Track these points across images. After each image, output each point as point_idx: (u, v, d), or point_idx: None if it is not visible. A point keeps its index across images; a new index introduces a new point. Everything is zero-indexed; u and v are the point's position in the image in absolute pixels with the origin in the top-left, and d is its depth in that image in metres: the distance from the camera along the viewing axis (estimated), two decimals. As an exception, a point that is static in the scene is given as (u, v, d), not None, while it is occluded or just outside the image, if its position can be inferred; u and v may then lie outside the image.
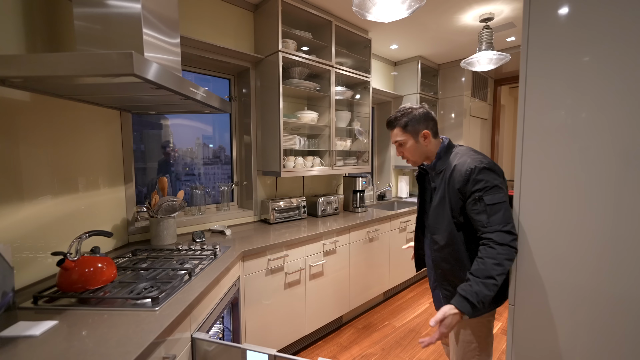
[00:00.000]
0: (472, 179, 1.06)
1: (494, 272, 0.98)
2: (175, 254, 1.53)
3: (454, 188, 1.10)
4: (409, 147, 1.20)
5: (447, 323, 0.99)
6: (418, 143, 1.18)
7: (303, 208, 2.45)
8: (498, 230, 1.01)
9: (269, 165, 2.24)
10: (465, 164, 1.09)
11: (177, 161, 2.31)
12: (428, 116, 1.19)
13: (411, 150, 1.20)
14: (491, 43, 2.38)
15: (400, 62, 3.54)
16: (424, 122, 1.18)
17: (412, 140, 1.18)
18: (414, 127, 1.17)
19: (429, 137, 1.18)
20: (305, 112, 2.39)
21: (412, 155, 1.21)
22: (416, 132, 1.17)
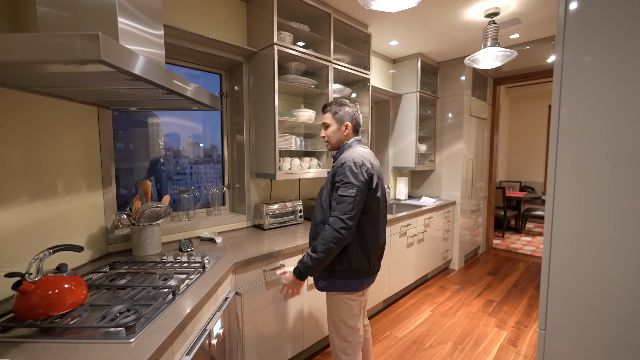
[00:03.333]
0: (338, 172, 1.29)
1: (318, 248, 1.24)
2: (159, 267, 1.37)
3: (331, 176, 1.33)
4: (332, 129, 1.43)
5: (285, 277, 1.37)
6: (339, 130, 1.42)
7: (299, 212, 2.31)
8: (337, 217, 1.23)
9: (263, 167, 2.09)
10: (343, 158, 1.31)
11: (169, 160, 2.14)
12: (354, 115, 1.43)
13: (332, 133, 1.43)
14: (497, 39, 2.27)
15: (399, 59, 3.42)
16: (349, 117, 1.42)
17: (336, 126, 1.42)
18: (341, 117, 1.41)
19: (349, 130, 1.42)
20: (302, 111, 2.24)
21: (331, 138, 1.44)
22: (342, 121, 1.41)
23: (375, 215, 1.33)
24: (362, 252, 1.30)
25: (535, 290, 3.02)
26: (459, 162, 3.51)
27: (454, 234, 3.61)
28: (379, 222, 1.36)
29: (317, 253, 1.24)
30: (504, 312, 2.61)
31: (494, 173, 4.23)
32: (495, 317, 2.53)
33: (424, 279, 3.23)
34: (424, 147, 3.54)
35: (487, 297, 2.88)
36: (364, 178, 1.26)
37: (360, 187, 1.24)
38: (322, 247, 1.22)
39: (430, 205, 3.19)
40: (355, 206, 1.22)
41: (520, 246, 4.53)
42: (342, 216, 1.21)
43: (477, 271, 3.54)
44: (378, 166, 1.39)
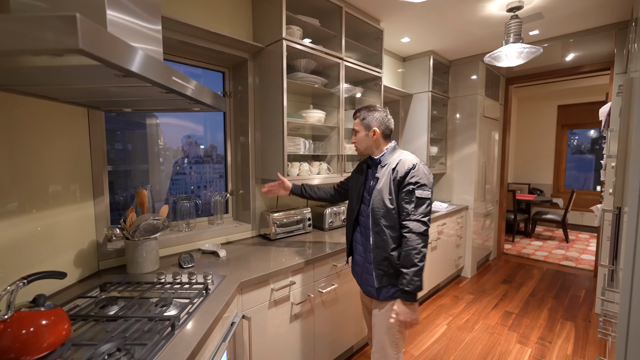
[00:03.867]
0: (410, 174, 1.27)
1: (416, 259, 1.21)
2: (156, 290, 1.21)
3: (396, 178, 1.30)
4: (360, 136, 1.41)
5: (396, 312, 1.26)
6: (367, 136, 1.39)
7: (308, 221, 2.15)
8: (417, 220, 1.23)
9: (269, 172, 1.93)
10: (409, 161, 1.30)
11: (168, 161, 2.00)
12: (382, 120, 1.39)
13: (360, 139, 1.42)
14: (520, 35, 2.12)
15: (409, 57, 3.27)
16: (376, 122, 1.38)
17: (364, 132, 1.40)
18: (368, 123, 1.39)
19: (377, 136, 1.38)
20: (312, 111, 2.09)
21: (359, 144, 1.43)
22: (369, 127, 1.39)
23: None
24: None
25: (554, 301, 2.87)
26: (472, 164, 3.36)
27: (466, 240, 3.45)
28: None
29: (417, 265, 1.21)
30: (525, 325, 2.45)
31: (506, 176, 4.08)
32: (516, 331, 2.37)
33: (436, 288, 3.08)
34: (435, 150, 3.39)
35: (504, 309, 2.72)
36: (432, 181, 1.30)
37: (431, 188, 1.28)
38: (419, 256, 1.21)
39: (443, 210, 3.03)
40: (429, 206, 1.26)
41: (532, 251, 4.37)
42: (424, 218, 1.23)
43: (491, 279, 3.39)
44: None
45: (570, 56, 3.19)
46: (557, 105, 5.83)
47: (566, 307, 2.76)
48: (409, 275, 1.21)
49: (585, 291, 3.07)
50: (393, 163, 1.33)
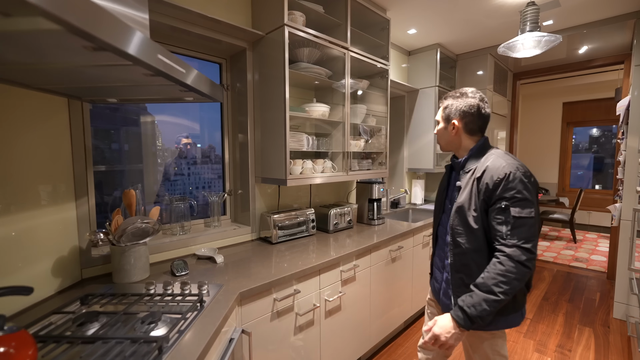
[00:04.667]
0: (503, 185, 0.99)
1: (497, 288, 0.94)
2: (145, 303, 1.07)
3: (482, 191, 1.03)
4: (439, 128, 1.20)
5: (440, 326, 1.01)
6: (446, 130, 1.16)
7: (312, 222, 2.01)
8: (516, 245, 0.95)
9: (270, 171, 1.79)
10: (500, 168, 1.01)
11: (164, 160, 1.87)
12: (466, 113, 1.11)
13: (439, 133, 1.20)
14: (537, 23, 1.98)
15: (415, 51, 3.13)
16: (458, 114, 1.12)
17: (443, 124, 1.17)
18: (448, 114, 1.14)
19: (458, 131, 1.13)
20: (315, 105, 1.94)
21: (439, 138, 1.22)
22: (448, 119, 1.15)
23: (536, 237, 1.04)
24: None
25: (569, 305, 2.74)
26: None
27: (474, 241, 3.31)
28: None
29: (497, 295, 0.94)
30: (541, 332, 2.32)
31: (513, 174, 3.95)
32: (532, 338, 2.24)
33: (444, 291, 2.94)
34: (442, 147, 3.25)
35: (517, 314, 2.59)
36: (536, 192, 1.00)
37: (536, 204, 0.98)
38: (505, 287, 0.94)
39: (451, 210, 2.89)
40: (534, 227, 0.96)
41: (540, 252, 4.24)
42: (526, 245, 0.94)
43: (500, 282, 3.25)
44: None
45: (584, 49, 3.06)
46: (562, 102, 5.72)
47: (582, 311, 2.63)
48: (477, 297, 0.96)
49: (600, 294, 2.94)
50: (479, 170, 1.04)
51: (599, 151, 5.94)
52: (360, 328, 1.82)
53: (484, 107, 1.11)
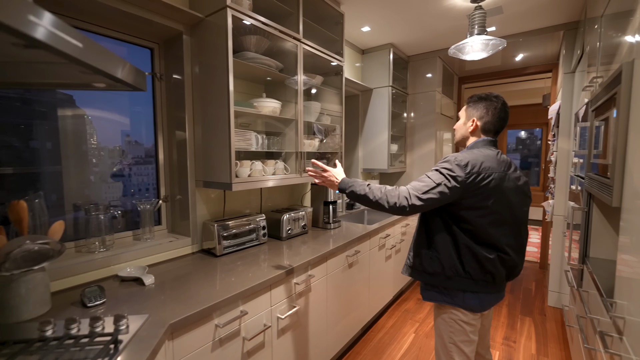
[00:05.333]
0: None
1: (373, 193, 1.15)
2: (34, 352, 0.81)
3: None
4: (459, 122, 1.31)
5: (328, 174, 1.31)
6: (465, 124, 1.28)
7: (262, 230, 1.82)
8: (409, 188, 1.11)
9: (213, 174, 1.57)
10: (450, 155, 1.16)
11: (103, 161, 1.57)
12: (487, 112, 1.22)
13: (458, 126, 1.31)
14: (484, 27, 2.03)
15: (368, 50, 3.10)
16: (479, 113, 1.23)
17: (464, 118, 1.29)
18: (471, 111, 1.26)
19: (475, 127, 1.24)
20: (265, 100, 1.77)
21: (456, 131, 1.33)
22: (469, 116, 1.27)
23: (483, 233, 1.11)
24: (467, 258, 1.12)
25: (511, 296, 2.92)
26: (431, 162, 3.31)
27: (426, 239, 3.39)
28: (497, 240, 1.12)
29: (366, 193, 1.15)
30: (489, 325, 2.41)
31: (459, 173, 4.15)
32: (482, 333, 2.31)
33: (400, 292, 2.95)
34: (395, 147, 3.27)
35: (467, 309, 2.68)
36: (459, 178, 1.07)
37: (445, 177, 1.08)
38: (378, 196, 1.13)
39: (405, 210, 2.91)
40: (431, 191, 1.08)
41: (483, 246, 4.53)
42: (414, 193, 1.09)
43: (450, 277, 3.38)
44: (514, 177, 1.16)
45: (520, 56, 3.29)
46: (499, 107, 6.21)
47: (522, 301, 2.81)
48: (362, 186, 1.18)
49: (536, 284, 3.20)
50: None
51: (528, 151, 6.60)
52: (316, 341, 1.69)
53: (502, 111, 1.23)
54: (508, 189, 1.12)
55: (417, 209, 1.09)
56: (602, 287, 1.16)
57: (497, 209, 1.10)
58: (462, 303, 1.14)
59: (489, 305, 1.17)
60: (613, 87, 1.08)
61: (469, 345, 1.18)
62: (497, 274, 1.12)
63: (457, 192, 1.07)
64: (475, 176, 1.07)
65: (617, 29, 1.21)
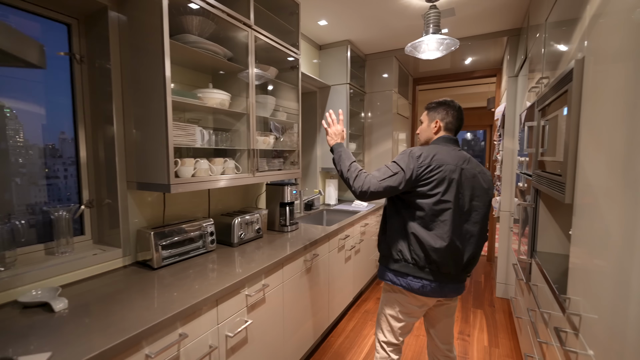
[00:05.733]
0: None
1: (346, 170, 1.29)
2: None
3: None
4: (422, 126, 1.42)
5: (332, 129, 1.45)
6: (429, 127, 1.38)
7: (210, 236, 1.64)
8: (373, 175, 1.24)
9: (148, 174, 1.35)
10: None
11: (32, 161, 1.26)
12: (447, 114, 1.35)
13: (422, 129, 1.42)
14: (439, 26, 2.05)
15: (326, 45, 3.02)
16: (441, 114, 1.36)
17: (427, 122, 1.40)
18: (433, 115, 1.38)
19: (439, 127, 1.35)
20: (211, 91, 1.58)
21: (420, 135, 1.43)
22: (432, 118, 1.38)
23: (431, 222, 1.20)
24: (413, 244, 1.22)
25: (463, 290, 3.03)
26: (388, 162, 3.32)
27: (384, 238, 3.41)
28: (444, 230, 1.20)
29: (346, 170, 1.29)
30: (445, 321, 2.46)
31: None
32: (438, 329, 2.35)
33: (359, 292, 2.91)
34: (354, 146, 3.24)
35: (424, 305, 2.72)
36: (411, 167, 1.19)
37: (402, 171, 1.20)
38: (349, 175, 1.28)
39: (364, 209, 2.89)
40: (386, 176, 1.20)
41: (436, 242, 4.72)
42: (373, 180, 1.21)
43: (407, 274, 3.43)
44: (469, 171, 1.24)
45: (469, 60, 3.45)
46: (448, 109, 6.56)
47: (474, 295, 2.93)
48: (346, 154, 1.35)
49: (484, 276, 3.37)
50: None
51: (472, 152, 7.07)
52: (272, 355, 1.55)
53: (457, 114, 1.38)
54: (460, 182, 1.21)
55: (375, 195, 1.20)
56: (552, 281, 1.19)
57: (447, 198, 1.19)
58: (405, 285, 1.25)
59: (435, 293, 1.23)
60: (563, 85, 1.10)
61: (397, 322, 1.33)
62: (443, 264, 1.20)
63: (410, 180, 1.19)
64: (426, 167, 1.19)
65: (563, 32, 1.24)
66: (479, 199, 1.25)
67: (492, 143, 4.14)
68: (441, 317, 1.39)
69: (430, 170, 1.19)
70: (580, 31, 1.03)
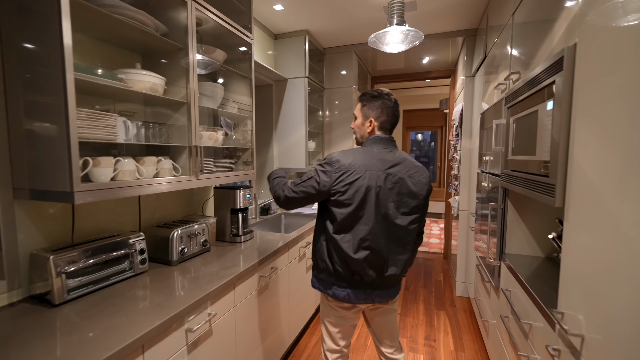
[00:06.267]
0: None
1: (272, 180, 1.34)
2: None
3: None
4: (357, 121, 1.30)
5: None
6: (363, 125, 1.27)
7: (140, 254, 1.31)
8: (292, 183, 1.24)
9: (44, 179, 1.00)
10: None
11: None
12: (382, 112, 1.24)
13: (356, 125, 1.31)
14: (403, 17, 1.93)
15: (282, 35, 2.77)
16: (376, 112, 1.24)
17: (361, 118, 1.28)
18: (367, 112, 1.26)
19: (373, 127, 1.25)
20: (139, 73, 1.25)
21: (355, 132, 1.33)
22: (366, 116, 1.26)
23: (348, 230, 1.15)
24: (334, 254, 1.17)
25: (425, 291, 3.00)
26: (349, 161, 3.19)
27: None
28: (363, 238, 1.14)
29: (273, 180, 1.33)
30: (410, 326, 2.38)
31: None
32: (404, 336, 2.25)
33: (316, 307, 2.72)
34: (313, 145, 3.04)
35: (388, 310, 2.62)
36: (327, 174, 1.14)
37: (317, 177, 1.16)
38: (272, 184, 1.31)
39: (325, 213, 2.70)
40: (302, 188, 1.18)
41: (395, 241, 4.73)
42: (291, 186, 1.23)
43: (369, 277, 3.33)
44: (396, 175, 1.16)
45: (426, 59, 3.45)
46: (403, 110, 6.71)
47: (435, 295, 2.91)
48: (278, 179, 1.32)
49: (443, 274, 3.40)
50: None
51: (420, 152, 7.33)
52: (222, 398, 1.28)
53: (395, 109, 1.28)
54: (383, 188, 1.13)
55: (291, 201, 1.20)
56: (530, 287, 1.10)
57: (365, 206, 1.12)
58: (331, 294, 1.20)
59: (361, 300, 1.19)
60: (546, 78, 1.00)
61: (334, 327, 1.28)
62: (365, 274, 1.15)
63: (325, 187, 1.13)
64: (342, 173, 1.12)
65: (538, 25, 1.17)
66: (405, 204, 1.17)
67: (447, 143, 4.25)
68: (379, 320, 1.35)
69: (347, 176, 1.12)
70: (566, 20, 0.94)
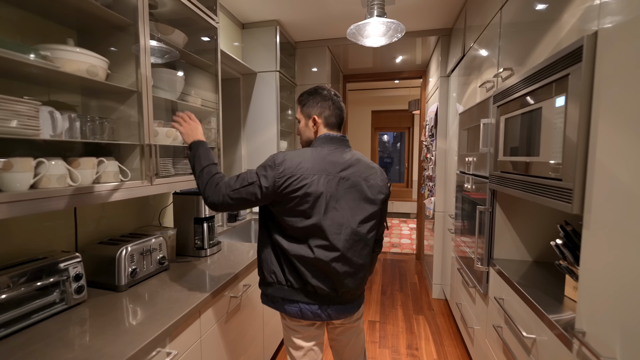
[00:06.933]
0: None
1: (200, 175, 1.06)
2: None
3: None
4: (300, 126, 1.17)
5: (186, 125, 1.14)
6: (307, 126, 1.14)
7: (75, 281, 1.03)
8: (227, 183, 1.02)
9: None
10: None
11: None
12: (325, 105, 1.11)
13: (301, 129, 1.17)
14: (383, 9, 1.81)
15: (250, 25, 2.54)
16: (318, 109, 1.11)
17: (304, 120, 1.15)
18: (308, 111, 1.13)
19: (319, 125, 1.12)
20: (71, 51, 0.98)
21: (301, 136, 1.18)
22: (308, 115, 1.13)
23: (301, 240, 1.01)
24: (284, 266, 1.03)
25: (402, 295, 2.93)
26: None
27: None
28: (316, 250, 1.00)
29: (200, 169, 1.06)
30: (391, 334, 2.27)
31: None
32: (386, 346, 2.14)
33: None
34: (285, 144, 2.84)
35: (367, 318, 2.50)
36: (270, 177, 0.97)
37: (258, 182, 0.98)
38: (201, 180, 1.05)
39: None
40: (241, 195, 0.99)
41: (367, 243, 4.67)
42: (228, 189, 1.01)
43: (344, 283, 3.20)
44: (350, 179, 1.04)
45: (399, 58, 3.40)
46: (371, 111, 6.73)
47: (412, 299, 2.85)
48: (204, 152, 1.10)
49: (418, 276, 3.37)
50: None
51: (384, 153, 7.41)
52: None
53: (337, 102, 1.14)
54: (335, 194, 1.01)
55: (228, 207, 1.02)
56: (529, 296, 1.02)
57: (315, 215, 0.99)
58: (283, 310, 1.06)
59: (317, 317, 1.04)
60: (555, 72, 0.91)
61: (298, 350, 1.11)
62: (319, 286, 1.01)
63: (268, 193, 0.98)
64: (287, 177, 0.97)
65: (539, 16, 1.09)
66: (362, 210, 1.05)
67: (414, 144, 4.27)
68: (341, 339, 1.20)
69: (293, 182, 0.97)
70: (578, 9, 0.85)
